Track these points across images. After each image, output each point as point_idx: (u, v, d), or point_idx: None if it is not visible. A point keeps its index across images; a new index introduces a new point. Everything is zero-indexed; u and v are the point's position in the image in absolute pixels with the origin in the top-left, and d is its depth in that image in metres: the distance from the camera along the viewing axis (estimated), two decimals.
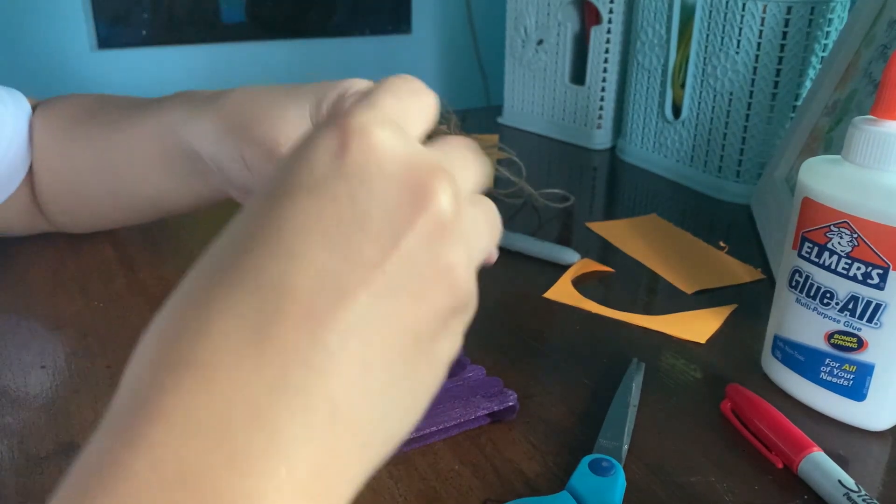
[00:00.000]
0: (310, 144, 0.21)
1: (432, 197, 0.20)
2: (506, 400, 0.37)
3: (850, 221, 0.35)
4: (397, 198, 0.20)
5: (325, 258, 0.19)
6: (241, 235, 0.20)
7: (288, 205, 0.20)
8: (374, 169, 0.20)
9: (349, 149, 0.20)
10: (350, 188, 0.20)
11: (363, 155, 0.20)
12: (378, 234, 0.19)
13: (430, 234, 0.20)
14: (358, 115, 0.21)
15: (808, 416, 0.38)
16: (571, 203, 0.69)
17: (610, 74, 0.86)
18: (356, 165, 0.20)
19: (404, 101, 0.23)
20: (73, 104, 0.50)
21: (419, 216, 0.20)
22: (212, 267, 0.19)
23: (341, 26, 1.02)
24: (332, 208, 0.19)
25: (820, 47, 0.66)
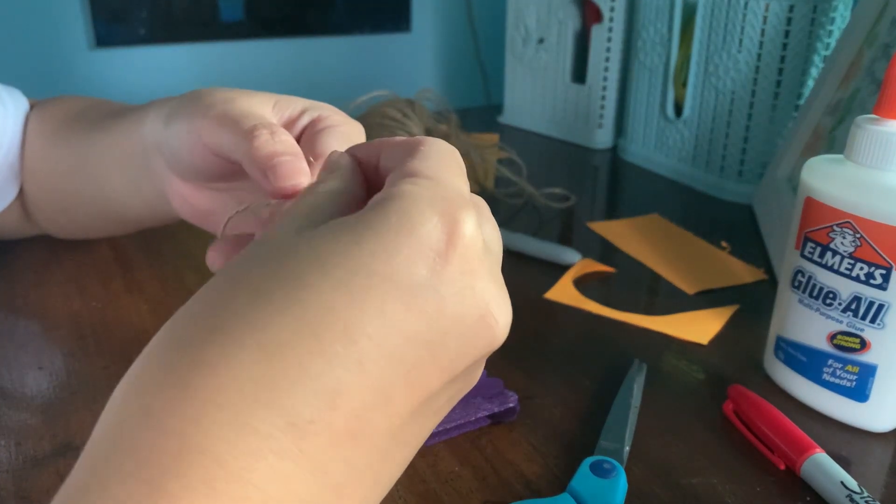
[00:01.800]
0: (417, 230, 0.19)
1: (499, 328, 0.20)
2: (506, 401, 0.37)
3: (853, 221, 0.35)
4: (475, 328, 0.19)
5: (387, 375, 0.18)
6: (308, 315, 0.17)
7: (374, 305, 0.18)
8: (467, 286, 0.19)
9: (455, 251, 0.19)
10: (441, 305, 0.18)
11: (462, 265, 0.19)
12: (443, 363, 0.19)
13: (480, 362, 0.21)
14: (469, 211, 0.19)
15: (811, 417, 0.38)
16: (572, 203, 0.69)
17: (611, 73, 0.85)
18: (453, 277, 0.19)
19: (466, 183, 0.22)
20: (63, 107, 0.48)
21: (486, 349, 0.20)
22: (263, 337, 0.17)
23: (340, 24, 1.02)
24: (415, 322, 0.18)
25: (822, 46, 0.66)
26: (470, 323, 0.19)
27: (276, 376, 0.16)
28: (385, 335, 0.18)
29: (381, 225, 0.19)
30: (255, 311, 0.17)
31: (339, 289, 0.18)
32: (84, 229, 0.51)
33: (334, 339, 0.17)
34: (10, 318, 0.47)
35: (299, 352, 0.17)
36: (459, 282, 0.19)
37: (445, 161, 0.21)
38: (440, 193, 0.20)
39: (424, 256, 0.18)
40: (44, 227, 0.52)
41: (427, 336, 0.18)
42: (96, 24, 0.87)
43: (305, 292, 0.17)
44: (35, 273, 0.52)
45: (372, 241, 0.18)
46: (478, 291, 0.19)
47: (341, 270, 0.18)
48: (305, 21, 0.99)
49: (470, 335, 0.19)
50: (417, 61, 1.10)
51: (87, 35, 0.89)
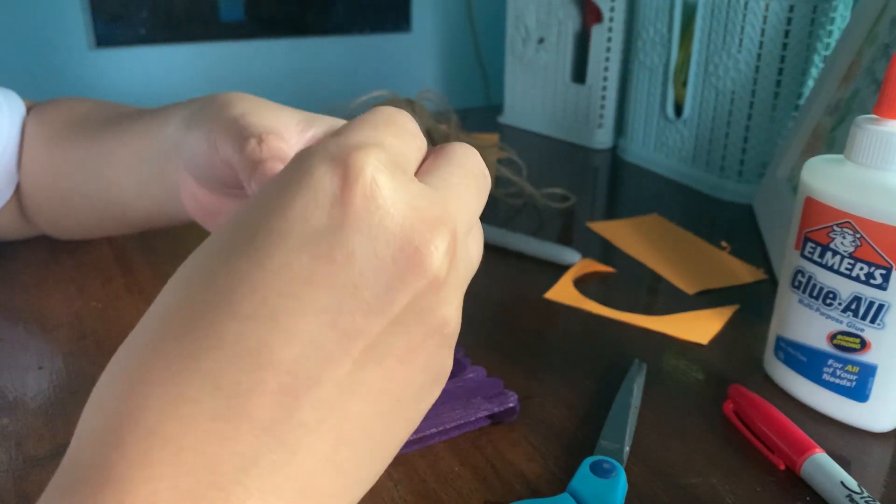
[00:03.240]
0: (306, 180, 0.18)
1: (430, 257, 0.19)
2: (506, 401, 0.37)
3: (853, 221, 0.35)
4: (394, 260, 0.18)
5: (310, 326, 0.18)
6: (218, 285, 0.18)
7: (276, 259, 0.18)
8: (375, 224, 0.18)
9: (353, 195, 0.18)
10: (347, 247, 0.18)
11: (366, 205, 0.18)
12: (371, 302, 0.18)
13: (423, 295, 0.19)
14: (363, 152, 0.19)
15: (811, 417, 0.38)
16: (572, 203, 0.69)
17: (611, 73, 0.85)
18: (358, 218, 0.18)
19: (406, 143, 0.21)
20: (64, 110, 0.48)
21: (415, 281, 0.19)
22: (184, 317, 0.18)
23: (341, 24, 1.02)
24: (326, 270, 0.18)
25: (822, 46, 0.66)
26: (387, 259, 0.18)
27: (197, 347, 0.17)
28: (295, 288, 0.18)
29: (274, 184, 0.19)
30: (177, 289, 0.18)
31: (242, 252, 0.18)
32: (87, 229, 0.51)
33: (244, 301, 0.17)
34: (10, 317, 0.47)
35: (213, 320, 0.17)
36: (366, 220, 0.18)
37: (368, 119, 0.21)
38: (334, 143, 0.19)
39: (320, 203, 0.18)
40: (43, 228, 0.52)
41: (342, 280, 0.18)
42: (96, 24, 0.87)
43: (216, 261, 0.18)
44: (35, 273, 0.52)
45: (269, 201, 0.19)
46: (391, 226, 0.18)
47: (242, 233, 0.18)
48: (305, 21, 0.99)
49: (392, 271, 0.18)
50: (417, 61, 1.10)
51: (87, 35, 0.89)
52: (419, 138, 0.23)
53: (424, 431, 0.34)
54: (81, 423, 0.18)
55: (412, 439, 0.34)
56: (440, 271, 0.19)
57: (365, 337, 0.18)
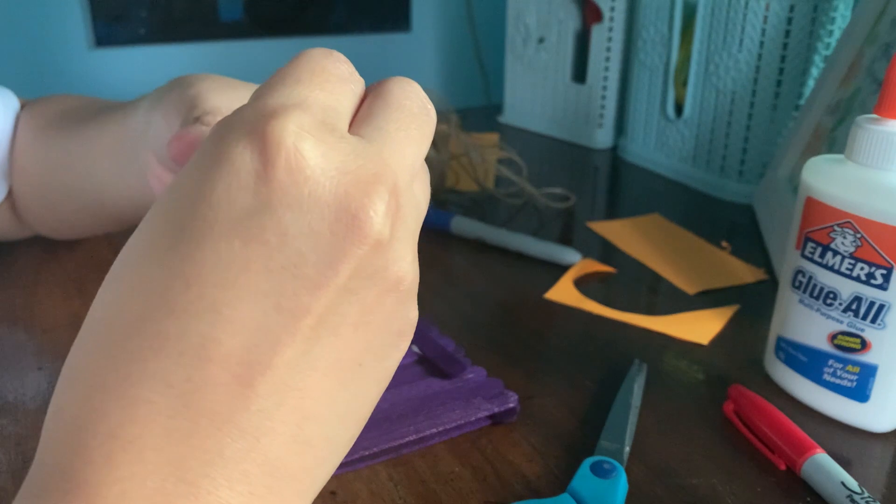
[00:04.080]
0: (224, 160, 0.17)
1: (369, 221, 0.18)
2: (506, 401, 0.36)
3: (854, 221, 0.35)
4: (331, 231, 0.17)
5: (254, 312, 0.17)
6: (153, 283, 0.17)
7: (206, 249, 0.17)
8: (305, 196, 0.17)
9: (276, 170, 0.17)
10: (279, 226, 0.17)
11: (292, 178, 0.17)
12: (314, 278, 0.17)
13: (369, 259, 0.18)
14: (282, 120, 0.17)
15: (811, 417, 0.38)
16: (572, 203, 0.69)
17: (611, 73, 0.85)
18: (285, 194, 0.17)
19: (334, 92, 0.20)
20: (53, 105, 0.48)
21: (356, 248, 0.18)
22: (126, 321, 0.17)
23: (340, 24, 1.01)
24: (261, 253, 0.17)
25: (823, 46, 0.66)
26: (324, 229, 0.17)
27: (143, 348, 0.17)
28: (231, 276, 0.17)
29: (194, 166, 0.18)
30: (115, 302, 0.18)
31: (170, 245, 0.17)
32: (71, 226, 0.50)
33: (180, 297, 0.17)
34: (9, 318, 0.47)
35: (154, 319, 0.17)
36: (295, 194, 0.17)
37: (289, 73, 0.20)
38: (250, 110, 0.18)
39: (243, 183, 0.17)
40: (34, 227, 0.52)
41: (279, 261, 0.17)
42: (96, 24, 0.87)
43: (145, 259, 0.18)
44: (35, 273, 0.52)
45: (188, 186, 0.18)
46: (322, 195, 0.17)
47: (168, 225, 0.18)
48: (305, 21, 0.99)
49: (331, 242, 0.18)
50: (417, 61, 1.10)
51: (87, 35, 0.89)
52: (351, 81, 0.21)
53: (424, 432, 0.34)
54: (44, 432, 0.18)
55: (412, 440, 0.34)
56: (382, 233, 0.18)
57: (312, 313, 0.18)
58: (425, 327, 0.43)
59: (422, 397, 0.37)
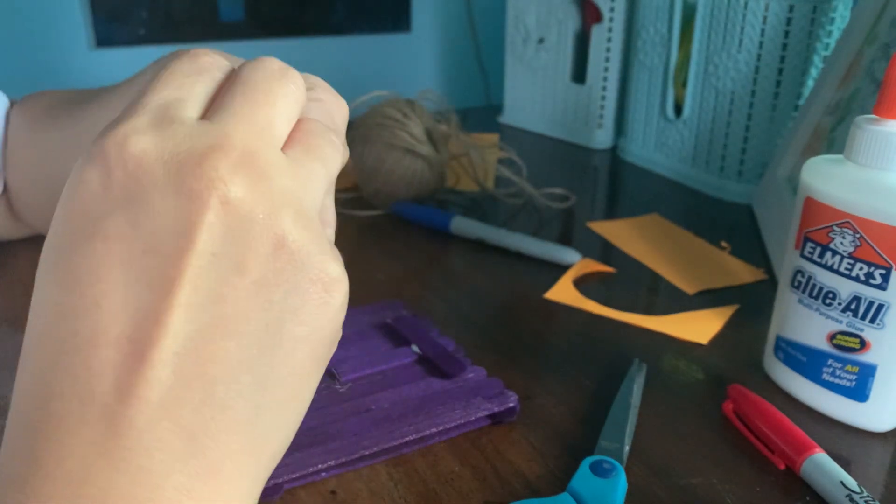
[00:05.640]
0: (75, 180, 0.19)
1: (203, 185, 0.19)
2: (506, 401, 0.37)
3: (853, 221, 0.35)
4: (176, 207, 0.19)
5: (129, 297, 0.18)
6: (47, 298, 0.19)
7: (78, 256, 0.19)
8: (145, 184, 0.19)
9: (113, 173, 0.19)
10: (129, 217, 0.19)
11: (128, 173, 0.19)
12: (171, 251, 0.19)
13: (222, 218, 0.19)
14: (115, 129, 0.19)
15: (811, 417, 0.38)
16: (572, 203, 0.69)
17: (611, 73, 0.85)
18: (126, 189, 0.19)
19: (180, 87, 0.21)
20: (46, 97, 0.48)
21: (200, 211, 0.19)
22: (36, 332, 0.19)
23: (340, 24, 1.02)
24: (120, 245, 0.19)
25: (822, 46, 0.66)
26: (168, 207, 0.19)
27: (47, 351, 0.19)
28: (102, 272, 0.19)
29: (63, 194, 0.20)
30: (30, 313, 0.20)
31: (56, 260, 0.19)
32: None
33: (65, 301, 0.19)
34: (9, 318, 0.47)
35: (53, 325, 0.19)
36: (134, 185, 0.19)
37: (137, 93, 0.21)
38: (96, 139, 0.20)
39: (93, 193, 0.19)
40: (33, 225, 0.52)
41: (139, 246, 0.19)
42: (96, 24, 0.87)
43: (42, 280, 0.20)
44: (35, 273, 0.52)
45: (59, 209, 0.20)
46: (159, 178, 0.19)
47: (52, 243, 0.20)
48: (305, 21, 0.99)
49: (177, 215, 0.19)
50: (417, 61, 1.10)
51: (87, 35, 0.89)
52: (206, 71, 0.22)
53: (424, 431, 0.34)
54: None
55: (412, 439, 0.34)
56: (225, 194, 0.19)
57: (183, 283, 0.18)
58: (425, 327, 0.43)
59: (422, 397, 0.37)
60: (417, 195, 0.65)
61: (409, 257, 0.57)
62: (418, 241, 0.60)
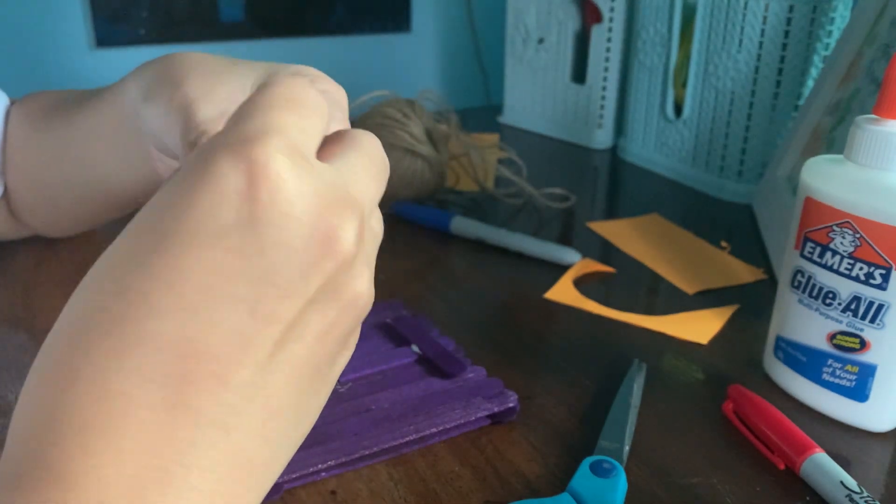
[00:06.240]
0: (211, 178, 0.19)
1: (339, 240, 0.20)
2: (506, 401, 0.37)
3: (853, 221, 0.35)
4: (306, 247, 0.19)
5: (231, 316, 0.18)
6: (135, 285, 0.18)
7: (190, 257, 0.18)
8: (283, 214, 0.19)
9: (259, 191, 0.19)
10: (259, 240, 0.19)
11: (272, 198, 0.19)
12: (286, 288, 0.19)
13: (335, 274, 0.20)
14: (264, 143, 0.19)
15: (811, 416, 0.38)
16: (572, 203, 0.69)
17: (611, 73, 0.85)
18: (266, 212, 0.19)
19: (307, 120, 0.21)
20: (45, 98, 0.48)
21: (327, 262, 0.20)
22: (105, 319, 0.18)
23: (341, 24, 1.02)
24: (240, 263, 0.19)
25: (822, 46, 0.66)
26: (300, 246, 0.19)
27: (121, 344, 0.18)
28: (210, 283, 0.18)
29: (181, 182, 0.19)
30: (94, 300, 0.19)
31: (157, 252, 0.19)
32: (73, 219, 0.50)
33: (161, 298, 0.18)
34: (10, 318, 0.47)
35: (133, 318, 0.18)
36: (274, 212, 0.19)
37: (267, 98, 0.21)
38: (235, 135, 0.19)
39: (227, 201, 0.19)
40: (33, 225, 0.52)
41: (256, 272, 0.19)
42: (96, 24, 0.87)
43: (131, 265, 0.19)
44: (35, 273, 0.52)
45: (175, 200, 0.19)
46: (298, 215, 0.19)
47: (155, 234, 0.19)
48: (305, 21, 0.99)
49: (305, 257, 0.19)
50: (417, 61, 1.10)
51: (87, 35, 0.89)
52: (320, 108, 0.22)
53: (424, 431, 0.34)
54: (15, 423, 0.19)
55: (412, 439, 0.34)
56: (349, 252, 0.20)
57: (283, 321, 0.19)
58: (425, 327, 0.43)
59: (422, 397, 0.37)
60: (417, 195, 0.65)
61: (409, 257, 0.57)
62: (418, 241, 0.60)
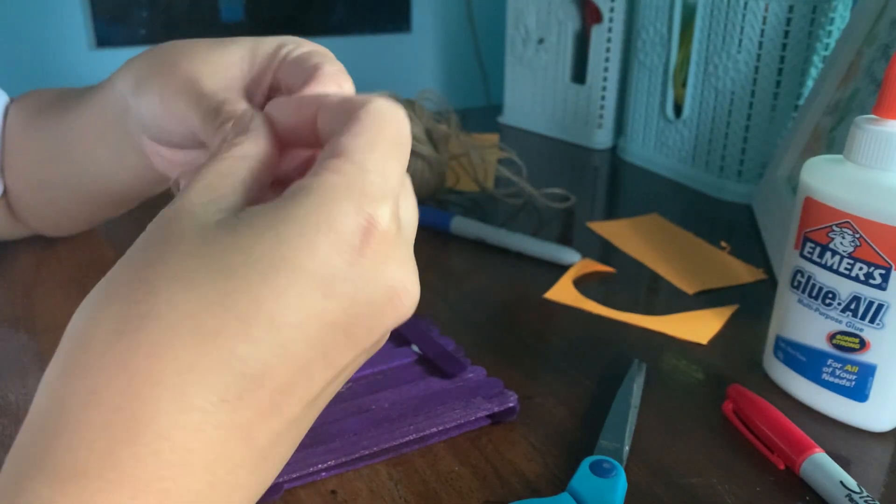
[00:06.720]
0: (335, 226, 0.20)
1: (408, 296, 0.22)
2: (506, 401, 0.37)
3: (853, 221, 0.35)
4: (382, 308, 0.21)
5: (307, 355, 0.20)
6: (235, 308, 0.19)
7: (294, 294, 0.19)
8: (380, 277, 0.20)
9: (370, 250, 0.20)
10: (352, 291, 0.20)
11: (375, 258, 0.20)
12: (357, 339, 0.21)
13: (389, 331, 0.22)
14: (385, 208, 0.20)
15: (810, 416, 0.38)
16: (572, 203, 0.69)
17: (611, 73, 0.85)
18: (366, 267, 0.20)
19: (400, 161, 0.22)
20: (41, 96, 0.47)
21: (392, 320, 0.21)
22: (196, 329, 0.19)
23: (341, 24, 1.02)
24: (331, 309, 0.20)
25: (822, 46, 0.66)
26: (381, 305, 0.21)
27: (210, 360, 0.18)
28: (305, 323, 0.19)
29: (302, 219, 0.20)
30: (187, 301, 0.19)
31: (265, 282, 0.19)
32: (72, 218, 0.50)
33: (259, 327, 0.19)
34: (10, 319, 0.47)
35: (229, 338, 0.19)
36: (372, 271, 0.20)
37: (380, 137, 0.22)
38: (360, 186, 0.20)
39: (341, 251, 0.20)
40: (32, 225, 0.51)
41: (343, 321, 0.20)
42: (96, 25, 0.88)
43: (233, 284, 0.19)
44: (36, 273, 0.52)
45: (294, 236, 0.20)
46: (389, 277, 0.21)
47: (264, 264, 0.19)
48: (305, 21, 0.99)
49: (380, 315, 0.21)
50: (417, 61, 1.10)
51: (87, 35, 0.89)
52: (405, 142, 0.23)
53: (424, 431, 0.34)
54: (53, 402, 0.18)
55: (412, 439, 0.34)
56: (411, 311, 0.22)
57: (341, 367, 0.21)
58: (425, 327, 0.43)
59: (422, 397, 0.37)
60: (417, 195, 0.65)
61: None
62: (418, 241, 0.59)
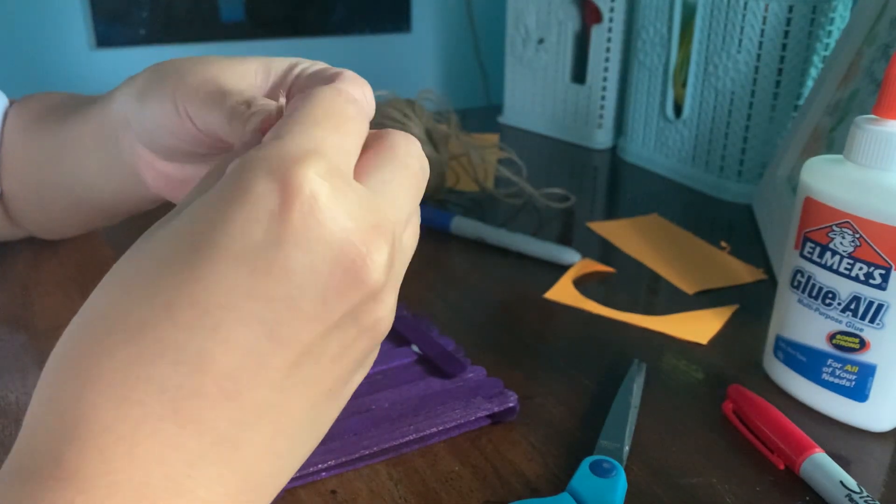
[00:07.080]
0: (246, 196, 0.19)
1: (367, 270, 0.19)
2: (506, 401, 0.37)
3: (853, 221, 0.35)
4: (331, 273, 0.19)
5: (249, 335, 0.18)
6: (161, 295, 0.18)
7: (216, 273, 0.18)
8: (313, 239, 0.19)
9: (291, 213, 0.18)
10: (286, 261, 0.18)
11: (304, 221, 0.19)
12: (308, 312, 0.19)
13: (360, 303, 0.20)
14: (302, 165, 0.19)
15: (810, 416, 0.38)
16: (572, 203, 0.69)
17: (611, 73, 0.85)
18: (295, 234, 0.18)
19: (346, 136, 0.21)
20: (41, 101, 0.47)
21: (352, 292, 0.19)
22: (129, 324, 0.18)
23: (341, 24, 1.02)
24: (264, 283, 0.18)
25: (822, 46, 0.66)
26: (324, 272, 0.19)
27: (143, 353, 0.18)
28: (233, 300, 0.18)
29: (216, 197, 0.19)
30: (122, 301, 0.19)
31: (185, 265, 0.19)
32: (63, 225, 0.50)
33: (184, 311, 0.18)
34: (10, 318, 0.47)
35: (156, 327, 0.18)
36: (304, 235, 0.19)
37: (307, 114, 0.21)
38: (275, 152, 0.19)
39: (259, 218, 0.18)
40: (27, 228, 0.51)
41: (279, 293, 0.19)
42: (96, 25, 0.88)
43: (158, 273, 0.19)
44: (36, 273, 0.52)
45: (209, 214, 0.19)
46: (328, 239, 0.19)
47: (184, 248, 0.19)
48: (305, 21, 0.99)
49: (329, 283, 0.19)
50: (417, 61, 1.10)
51: (87, 35, 0.89)
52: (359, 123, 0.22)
53: (424, 431, 0.34)
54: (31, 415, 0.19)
55: (412, 439, 0.34)
56: (377, 282, 0.20)
57: (301, 344, 0.19)
58: (425, 327, 0.43)
59: (422, 397, 0.37)
60: None
61: None
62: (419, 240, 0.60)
